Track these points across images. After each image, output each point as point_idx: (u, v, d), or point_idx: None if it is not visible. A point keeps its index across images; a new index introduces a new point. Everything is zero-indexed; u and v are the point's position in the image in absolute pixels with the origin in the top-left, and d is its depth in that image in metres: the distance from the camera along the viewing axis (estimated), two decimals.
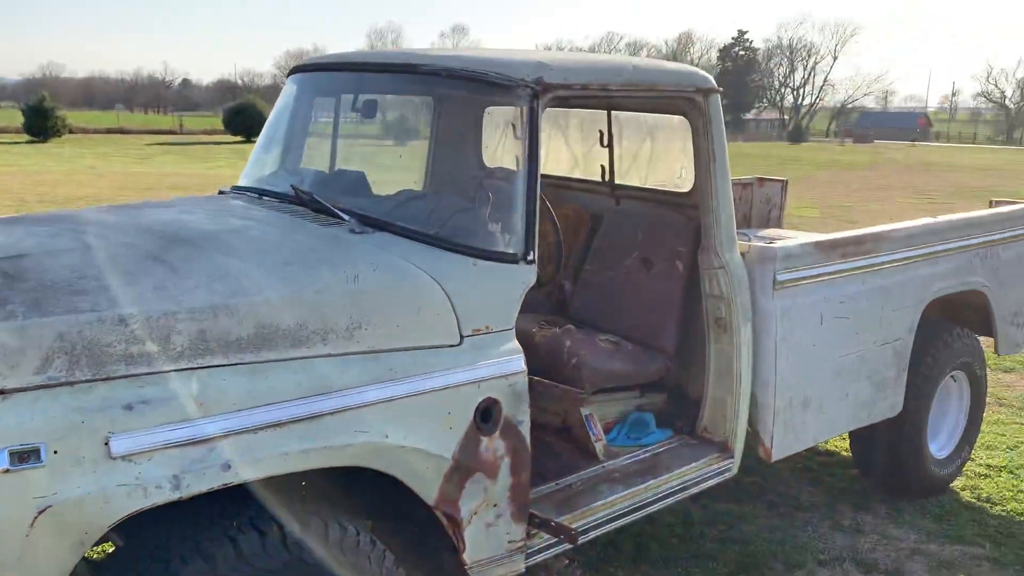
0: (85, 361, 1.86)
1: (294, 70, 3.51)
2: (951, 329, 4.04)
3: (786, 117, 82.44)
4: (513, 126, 2.66)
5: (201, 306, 2.04)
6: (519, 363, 2.45)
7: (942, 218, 3.89)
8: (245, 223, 2.62)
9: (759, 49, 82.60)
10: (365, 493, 2.52)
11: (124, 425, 1.81)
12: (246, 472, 1.93)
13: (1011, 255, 4.19)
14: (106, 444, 1.78)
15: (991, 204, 4.68)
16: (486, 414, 2.37)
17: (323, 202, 2.73)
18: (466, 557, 2.41)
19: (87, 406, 1.80)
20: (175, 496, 1.83)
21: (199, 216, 2.67)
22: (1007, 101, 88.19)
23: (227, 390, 1.96)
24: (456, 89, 2.97)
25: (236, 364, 2.02)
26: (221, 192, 3.33)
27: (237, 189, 3.28)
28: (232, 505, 2.03)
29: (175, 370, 1.94)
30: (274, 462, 1.98)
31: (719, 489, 3.99)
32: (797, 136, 57.65)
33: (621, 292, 3.55)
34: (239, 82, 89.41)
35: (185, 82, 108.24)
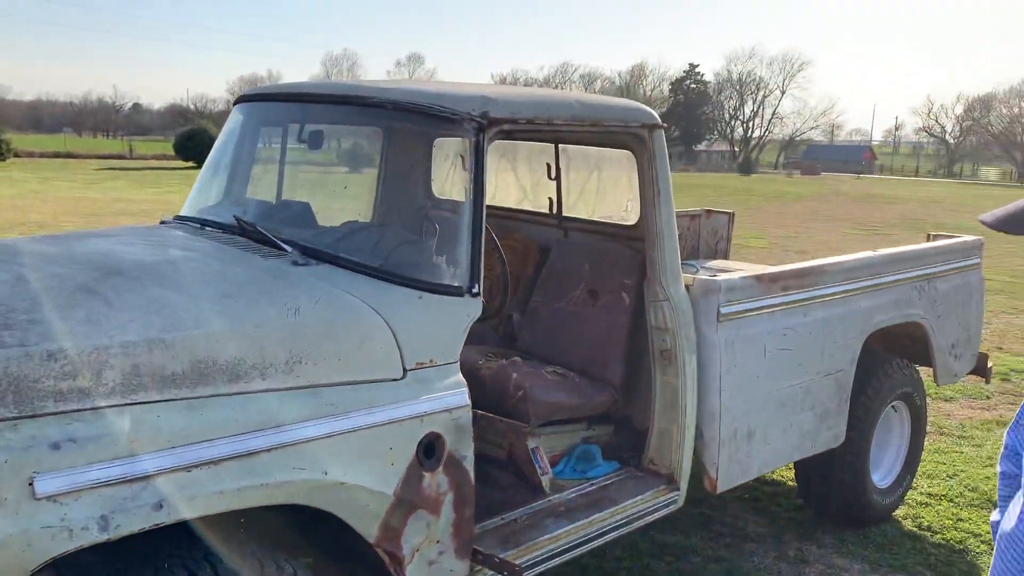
0: (11, 398, 1.80)
1: (240, 99, 3.48)
2: (891, 360, 4.12)
3: (736, 149, 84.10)
4: (461, 158, 2.67)
5: (135, 340, 1.99)
6: (463, 397, 2.44)
7: (881, 252, 3.98)
8: (185, 254, 2.58)
9: (710, 82, 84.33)
10: (306, 529, 2.48)
11: (50, 464, 1.75)
12: (179, 511, 1.88)
13: (948, 287, 4.30)
14: (30, 484, 1.71)
15: (929, 237, 4.81)
16: (429, 449, 2.35)
17: (266, 233, 2.70)
18: None
19: (12, 445, 1.74)
20: (103, 538, 1.77)
21: (137, 247, 2.62)
22: (947, 136, 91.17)
23: (161, 427, 1.92)
24: (403, 121, 2.97)
25: (171, 400, 1.98)
26: (163, 222, 3.28)
27: (179, 219, 3.23)
28: (164, 544, 1.97)
29: (106, 407, 1.89)
30: (209, 501, 1.93)
31: (666, 521, 3.99)
32: (747, 168, 58.89)
33: (568, 324, 3.56)
34: (191, 107, 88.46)
35: (136, 106, 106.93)
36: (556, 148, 3.85)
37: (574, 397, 3.25)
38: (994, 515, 1.51)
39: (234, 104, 3.51)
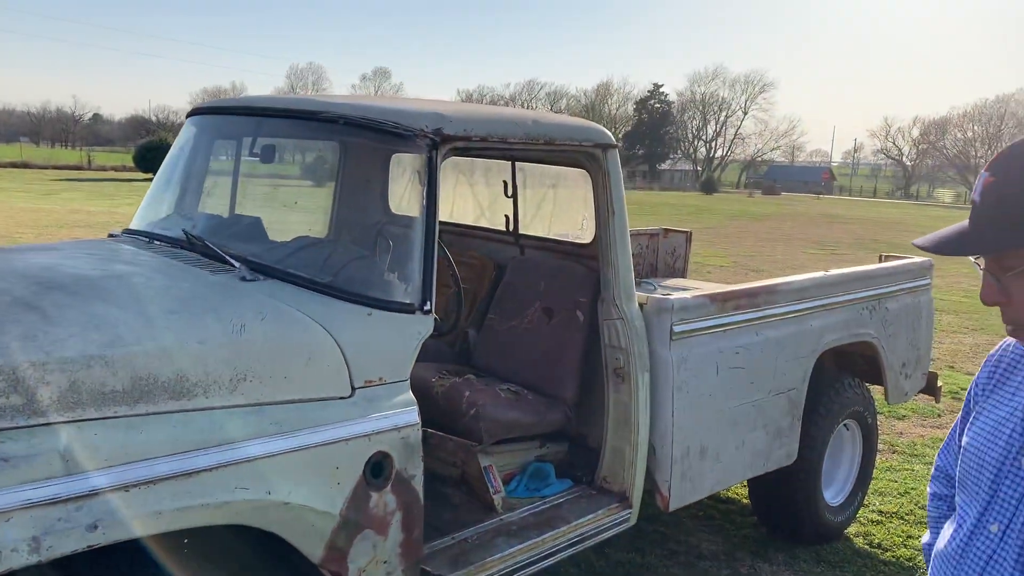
0: None
1: (193, 112, 3.44)
2: (843, 379, 4.17)
3: (699, 168, 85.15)
4: (415, 174, 2.66)
5: (73, 356, 1.95)
6: (412, 415, 2.42)
7: (833, 272, 4.04)
8: (130, 269, 2.53)
9: (673, 102, 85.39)
10: (252, 548, 2.43)
11: None
12: (115, 533, 1.83)
13: (899, 307, 4.38)
14: None
15: (880, 258, 4.89)
16: (377, 468, 2.32)
17: (214, 248, 2.66)
18: None
19: None
20: (33, 560, 1.72)
21: (81, 261, 2.56)
22: (904, 158, 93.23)
23: (98, 445, 1.87)
24: (357, 137, 2.96)
25: (109, 418, 1.93)
26: (111, 235, 3.22)
27: (128, 232, 3.18)
28: (99, 566, 1.92)
29: (41, 424, 1.84)
30: (147, 521, 1.89)
31: (622, 538, 4.00)
32: (709, 187, 59.54)
33: (523, 341, 3.56)
34: (153, 119, 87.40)
35: (96, 117, 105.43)
36: (513, 166, 3.86)
37: (528, 415, 3.24)
38: (925, 537, 1.53)
39: (187, 117, 3.47)
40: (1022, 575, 1.18)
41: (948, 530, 1.35)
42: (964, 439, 1.36)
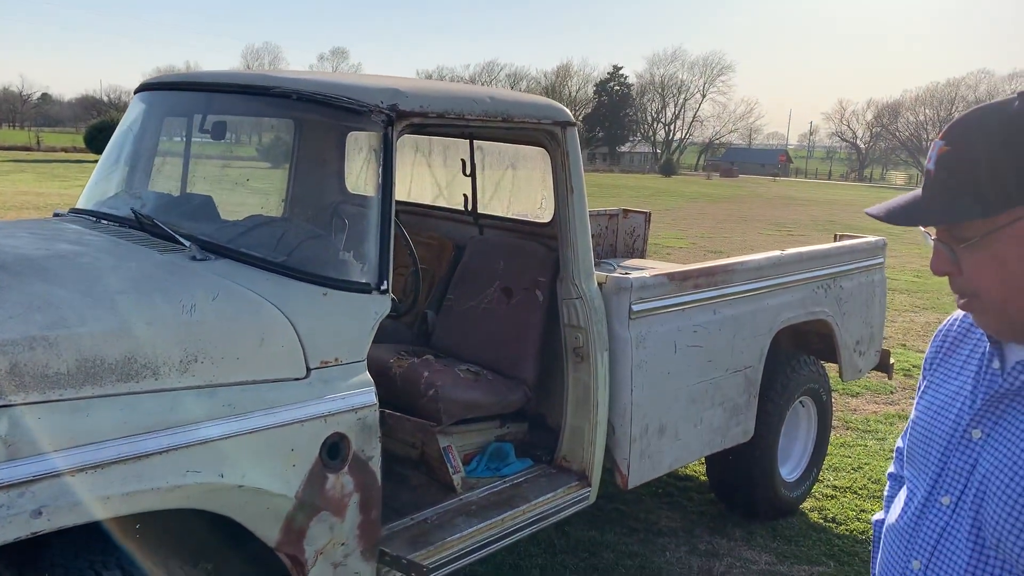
0: None
1: (141, 87, 3.34)
2: (798, 357, 4.22)
3: (658, 151, 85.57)
4: (370, 151, 2.61)
5: (15, 338, 1.88)
6: (369, 396, 2.38)
7: (789, 251, 4.08)
8: (75, 248, 2.45)
9: (633, 84, 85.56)
10: (210, 531, 2.39)
11: None
12: (60, 519, 1.78)
13: (853, 285, 4.44)
14: None
15: (836, 238, 4.95)
16: (333, 450, 2.29)
17: (163, 227, 2.59)
18: None
19: None
20: None
21: (23, 240, 2.48)
22: (858, 141, 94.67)
23: (42, 429, 1.81)
24: (311, 113, 2.90)
25: (54, 401, 1.87)
26: (56, 215, 3.12)
27: (75, 212, 3.09)
28: (45, 553, 1.87)
29: None
30: (95, 506, 1.84)
31: (581, 516, 4.01)
32: (668, 170, 59.87)
33: (482, 322, 3.54)
34: (104, 98, 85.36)
35: (45, 96, 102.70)
36: (471, 144, 3.82)
37: (487, 395, 3.22)
38: (878, 515, 1.55)
39: (135, 93, 3.37)
40: (975, 546, 1.17)
41: (899, 504, 1.36)
42: (913, 413, 1.36)
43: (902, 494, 1.36)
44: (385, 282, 2.49)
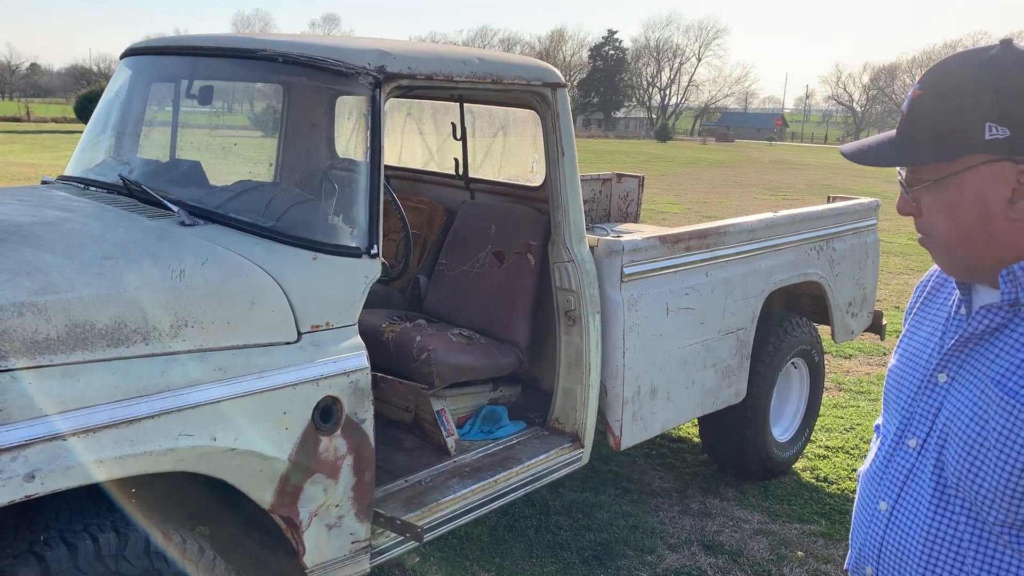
0: None
1: (127, 52, 3.31)
2: (791, 318, 4.24)
3: (653, 116, 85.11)
4: (361, 113, 2.59)
5: (4, 304, 1.88)
6: (361, 360, 2.39)
7: (781, 213, 4.07)
8: (63, 215, 2.44)
9: (628, 49, 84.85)
10: (204, 495, 2.41)
11: None
12: (53, 482, 1.79)
13: (845, 247, 4.44)
14: None
15: (828, 200, 4.94)
16: (326, 413, 2.30)
17: (152, 193, 2.58)
18: (306, 560, 2.33)
19: None
20: None
21: (10, 207, 2.46)
22: (855, 104, 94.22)
23: (32, 394, 1.82)
24: (298, 76, 2.87)
25: (44, 366, 1.87)
26: (44, 182, 3.10)
27: (63, 179, 3.07)
28: (40, 517, 1.89)
29: None
30: (87, 470, 1.85)
31: (575, 478, 4.06)
32: (663, 135, 59.57)
33: (474, 286, 3.54)
34: (94, 68, 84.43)
35: (34, 66, 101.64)
36: (461, 107, 3.79)
37: (479, 359, 3.24)
38: (862, 467, 1.58)
39: (121, 58, 3.34)
40: (937, 486, 1.20)
41: (873, 450, 1.40)
42: (891, 360, 1.39)
43: (876, 441, 1.40)
44: (375, 246, 2.49)
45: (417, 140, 4.20)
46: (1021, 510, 1.10)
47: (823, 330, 4.57)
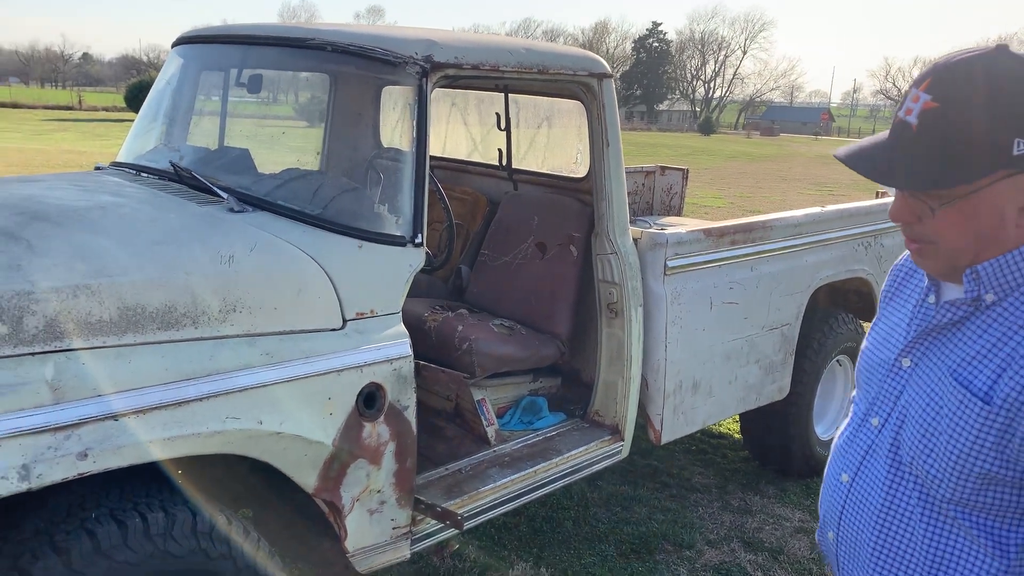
0: None
1: (179, 41, 3.36)
2: (837, 315, 4.17)
3: (697, 109, 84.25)
4: (408, 102, 2.60)
5: (59, 286, 1.92)
6: (405, 347, 2.41)
7: (829, 208, 4.01)
8: (116, 200, 2.49)
9: (672, 41, 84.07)
10: (246, 479, 2.45)
11: None
12: (106, 461, 1.83)
13: (893, 243, 4.35)
14: None
15: (877, 195, 4.86)
16: (370, 399, 2.32)
17: (202, 179, 2.62)
18: (348, 545, 2.36)
19: None
20: (23, 487, 1.72)
21: (66, 192, 2.52)
22: None
23: (86, 375, 1.86)
24: (345, 65, 2.89)
25: (97, 348, 1.92)
26: (98, 168, 3.17)
27: (115, 165, 3.13)
28: (91, 495, 1.93)
29: (27, 354, 1.83)
30: (137, 450, 1.89)
31: (614, 471, 4.05)
32: (707, 128, 58.97)
33: (516, 277, 3.54)
34: (144, 58, 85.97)
35: (86, 56, 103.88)
36: (506, 98, 3.79)
37: (521, 350, 3.24)
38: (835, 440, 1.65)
39: (172, 47, 3.39)
40: (892, 463, 1.28)
41: (842, 426, 1.46)
42: (863, 342, 1.45)
43: (848, 416, 1.47)
44: (419, 235, 2.50)
45: (461, 130, 4.20)
46: (966, 489, 1.18)
47: (869, 327, 4.49)
